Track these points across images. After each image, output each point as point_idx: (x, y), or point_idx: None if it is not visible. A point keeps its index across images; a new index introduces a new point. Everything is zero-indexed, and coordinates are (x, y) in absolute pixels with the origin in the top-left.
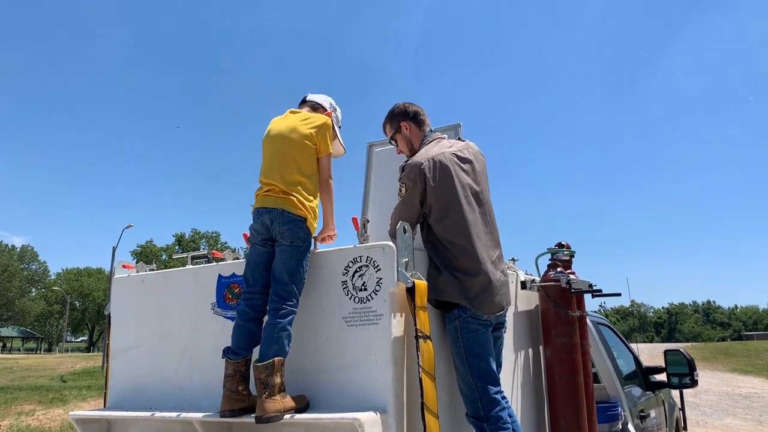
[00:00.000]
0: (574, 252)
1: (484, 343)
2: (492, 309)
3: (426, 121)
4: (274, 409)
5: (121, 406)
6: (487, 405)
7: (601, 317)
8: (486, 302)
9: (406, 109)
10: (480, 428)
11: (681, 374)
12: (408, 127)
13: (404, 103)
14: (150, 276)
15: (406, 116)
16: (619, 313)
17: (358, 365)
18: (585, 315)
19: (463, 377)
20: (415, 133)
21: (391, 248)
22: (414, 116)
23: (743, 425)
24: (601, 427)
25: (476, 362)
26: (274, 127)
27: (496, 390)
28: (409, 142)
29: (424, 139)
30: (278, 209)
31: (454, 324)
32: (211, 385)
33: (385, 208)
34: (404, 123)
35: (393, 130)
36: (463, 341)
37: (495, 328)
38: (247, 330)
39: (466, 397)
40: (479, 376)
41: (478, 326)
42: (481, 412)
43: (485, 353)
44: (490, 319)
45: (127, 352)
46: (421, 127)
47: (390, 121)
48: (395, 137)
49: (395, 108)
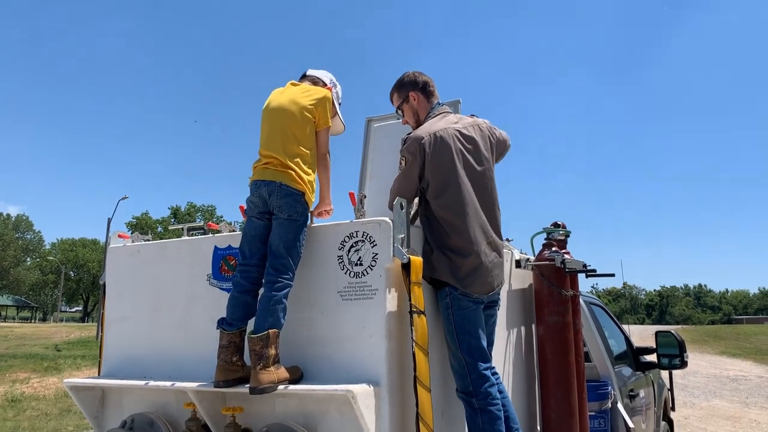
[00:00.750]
0: (569, 232)
1: (475, 320)
2: (482, 289)
3: (435, 93)
4: (268, 381)
5: (115, 374)
6: (476, 381)
7: (594, 297)
8: (475, 282)
9: (415, 78)
10: (469, 403)
11: (671, 355)
12: (416, 98)
13: (414, 72)
14: (146, 246)
15: (416, 86)
16: (611, 294)
17: (352, 339)
18: (578, 294)
19: (454, 353)
20: (422, 104)
21: (388, 224)
22: (423, 87)
23: (730, 407)
24: (591, 405)
25: (466, 339)
26: (274, 99)
27: (485, 366)
28: (415, 114)
29: (431, 112)
30: (276, 182)
31: (445, 301)
32: (205, 355)
33: (383, 183)
34: (413, 93)
35: (400, 100)
36: (453, 318)
37: (487, 306)
38: (243, 302)
39: (456, 372)
40: (469, 352)
41: (468, 303)
42: (470, 387)
43: (475, 330)
44: (481, 297)
45: (121, 322)
46: (429, 99)
47: (398, 90)
48: (402, 107)
49: (405, 77)
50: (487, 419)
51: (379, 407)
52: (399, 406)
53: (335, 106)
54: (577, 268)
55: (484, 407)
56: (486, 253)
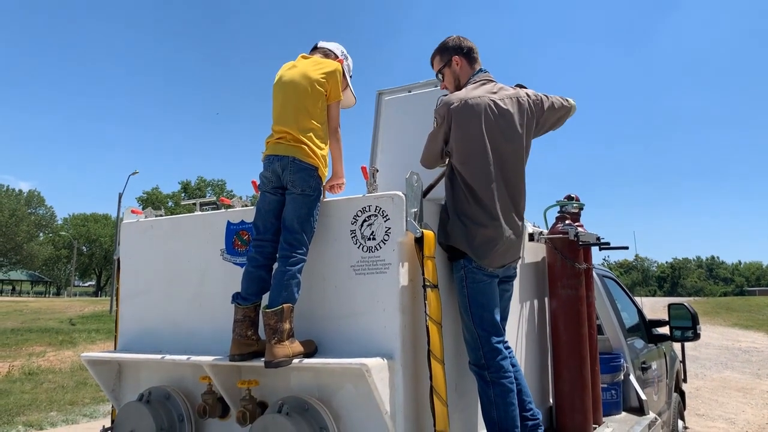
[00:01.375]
0: (583, 205)
1: (489, 294)
2: (493, 263)
3: (478, 59)
4: (282, 354)
5: (131, 349)
6: (488, 354)
7: (606, 270)
8: (488, 254)
9: (460, 43)
10: (481, 376)
11: (684, 327)
12: (459, 63)
13: (459, 36)
14: (159, 222)
15: (460, 51)
16: (623, 267)
17: (366, 313)
18: (591, 267)
19: (467, 326)
20: (465, 69)
21: (401, 198)
22: (468, 52)
23: (741, 378)
24: (604, 377)
25: (480, 312)
26: (285, 73)
27: (498, 340)
28: (456, 78)
29: (472, 78)
30: (290, 157)
31: (460, 273)
32: (220, 329)
33: (394, 158)
34: (456, 57)
35: (442, 63)
36: (468, 291)
37: (503, 280)
38: (257, 276)
39: (469, 345)
40: (482, 325)
41: (483, 277)
42: (482, 360)
43: (489, 303)
44: (496, 271)
45: (136, 297)
46: (472, 65)
47: (441, 54)
48: (443, 71)
49: (448, 40)
50: (499, 392)
51: (393, 380)
52: (413, 379)
53: (346, 79)
54: (590, 241)
55: (496, 380)
56: (504, 228)
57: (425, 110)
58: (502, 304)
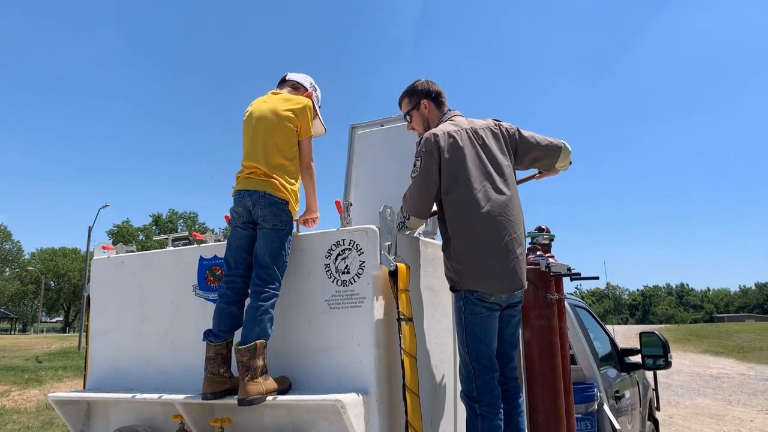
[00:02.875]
0: (553, 236)
1: (486, 327)
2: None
3: (445, 102)
4: (256, 392)
5: (101, 387)
6: (481, 387)
7: (578, 300)
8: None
9: (428, 87)
10: (471, 408)
11: (655, 356)
12: (427, 107)
13: (427, 81)
14: (130, 257)
15: (428, 95)
16: (595, 295)
17: (341, 347)
18: (563, 298)
19: (462, 357)
20: (433, 113)
21: (375, 232)
22: (436, 96)
23: (713, 405)
24: (578, 407)
25: (476, 344)
26: (255, 109)
27: (492, 375)
28: (425, 121)
29: (442, 118)
30: (260, 192)
31: (459, 304)
32: (192, 366)
33: (368, 191)
34: (425, 101)
35: (411, 106)
36: (465, 322)
37: (509, 306)
38: (229, 312)
39: (463, 376)
40: (477, 358)
41: (482, 309)
42: (474, 393)
43: (486, 336)
44: (498, 301)
45: (107, 333)
46: (440, 108)
47: (409, 97)
48: (411, 113)
49: (417, 84)
50: (487, 426)
51: (368, 416)
52: (388, 413)
53: (315, 109)
54: (561, 272)
55: (486, 414)
56: (497, 254)
57: (399, 144)
58: (510, 330)
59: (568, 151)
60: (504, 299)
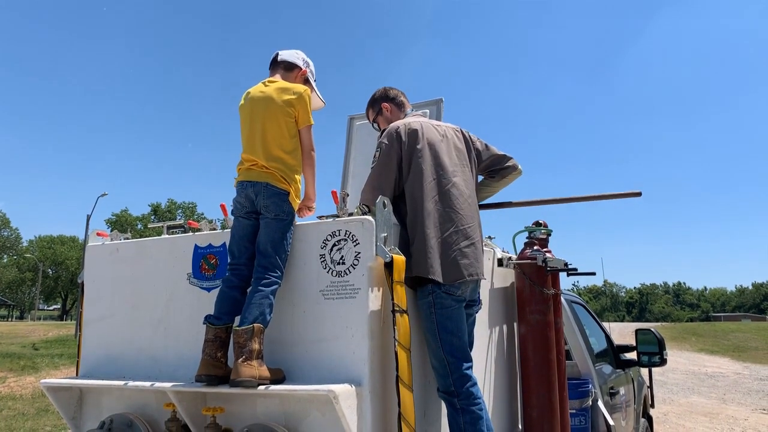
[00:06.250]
0: (551, 231)
1: (457, 319)
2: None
3: (406, 102)
4: (249, 374)
5: (93, 375)
6: (458, 381)
7: (574, 296)
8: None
9: (386, 92)
10: (451, 403)
11: (651, 353)
12: (389, 108)
13: (384, 87)
14: (125, 245)
15: (387, 99)
16: (592, 292)
17: (335, 338)
18: (560, 293)
19: (435, 353)
20: (395, 114)
21: (371, 223)
22: (393, 98)
23: (707, 403)
24: (572, 403)
25: (449, 338)
26: (251, 99)
27: (468, 366)
28: (389, 123)
29: (405, 118)
30: (262, 183)
31: (427, 299)
32: (185, 355)
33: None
34: (385, 104)
35: (375, 113)
36: (436, 317)
37: (467, 305)
38: (231, 297)
39: (438, 372)
40: (451, 352)
41: (451, 302)
42: (452, 387)
43: (458, 329)
44: (464, 295)
45: (100, 321)
46: (401, 108)
47: (372, 106)
48: (377, 119)
49: (375, 93)
50: (468, 419)
51: (361, 407)
52: (381, 406)
53: (311, 83)
54: (558, 266)
55: (466, 407)
56: (452, 240)
57: None
58: (468, 328)
59: (520, 171)
60: (467, 294)
